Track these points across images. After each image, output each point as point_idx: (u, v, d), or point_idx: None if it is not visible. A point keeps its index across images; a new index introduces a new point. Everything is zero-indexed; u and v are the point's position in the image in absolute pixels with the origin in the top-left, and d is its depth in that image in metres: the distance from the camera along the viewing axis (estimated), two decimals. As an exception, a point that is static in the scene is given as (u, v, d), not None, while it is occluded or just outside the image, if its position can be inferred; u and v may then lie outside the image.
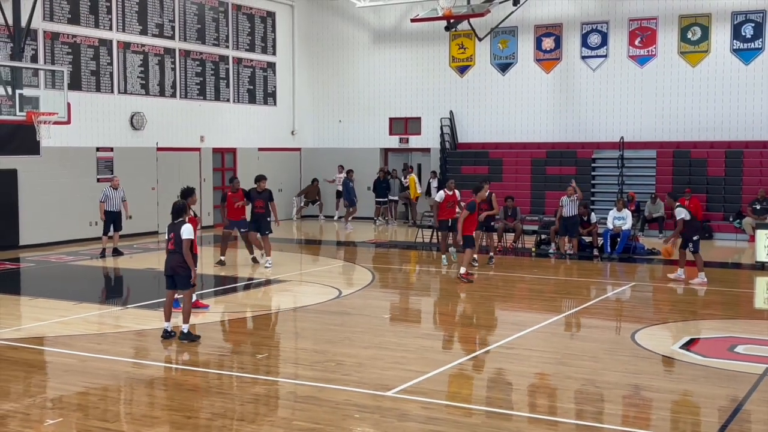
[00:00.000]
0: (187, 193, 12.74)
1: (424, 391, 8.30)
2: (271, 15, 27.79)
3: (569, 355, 10.01)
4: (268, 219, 17.25)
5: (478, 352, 10.15)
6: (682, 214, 15.38)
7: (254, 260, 17.34)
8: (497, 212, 16.87)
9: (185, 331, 10.54)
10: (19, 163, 19.87)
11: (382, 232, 25.00)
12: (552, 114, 25.88)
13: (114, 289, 15.89)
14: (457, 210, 16.60)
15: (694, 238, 15.39)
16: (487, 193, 16.29)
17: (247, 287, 15.34)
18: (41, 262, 18.06)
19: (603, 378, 8.89)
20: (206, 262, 16.81)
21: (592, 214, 19.49)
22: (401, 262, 19.49)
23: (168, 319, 10.68)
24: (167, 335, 10.58)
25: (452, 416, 7.59)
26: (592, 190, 24.57)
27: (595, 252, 18.93)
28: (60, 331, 11.41)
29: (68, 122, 18.51)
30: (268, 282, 15.52)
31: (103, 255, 18.46)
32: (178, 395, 8.44)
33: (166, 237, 10.65)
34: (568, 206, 18.65)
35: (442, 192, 17.85)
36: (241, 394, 8.36)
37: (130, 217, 19.48)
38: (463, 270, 15.10)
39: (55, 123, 18.06)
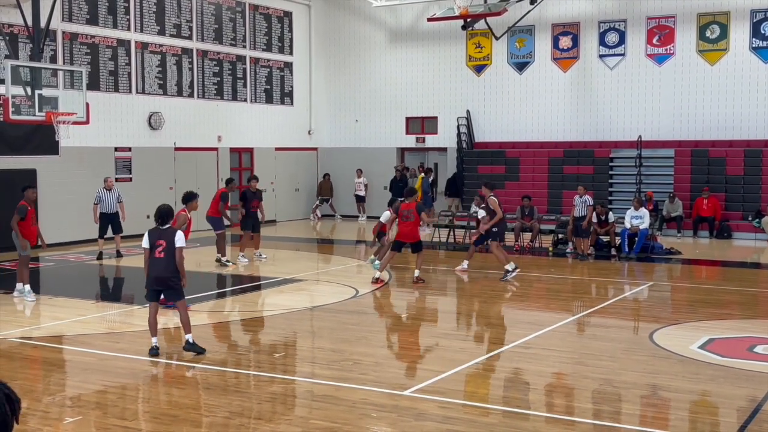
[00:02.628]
0: (189, 198, 12.78)
1: (441, 391, 8.29)
2: (288, 15, 27.84)
3: (587, 354, 9.97)
4: (258, 218, 17.89)
5: (495, 352, 10.14)
6: None
7: (219, 261, 17.09)
8: (500, 217, 15.42)
9: (191, 341, 9.85)
10: (38, 163, 20.02)
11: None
12: (569, 113, 25.79)
13: (132, 288, 15.94)
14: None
15: None
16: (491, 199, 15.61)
17: (264, 286, 15.38)
18: (60, 261, 18.19)
19: (621, 378, 8.85)
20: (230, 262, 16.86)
21: (610, 213, 19.41)
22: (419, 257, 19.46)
23: (155, 333, 9.88)
24: (155, 351, 9.74)
25: (469, 416, 7.59)
26: (610, 189, 24.48)
27: (613, 251, 18.86)
28: (79, 330, 11.49)
29: (87, 122, 18.60)
30: (284, 281, 15.56)
31: (100, 258, 18.17)
32: (196, 394, 8.48)
33: (148, 243, 9.70)
34: (579, 206, 18.63)
35: (387, 214, 17.99)
36: (259, 392, 8.39)
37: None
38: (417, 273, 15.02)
39: (74, 123, 18.15)
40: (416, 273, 14.91)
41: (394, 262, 15.83)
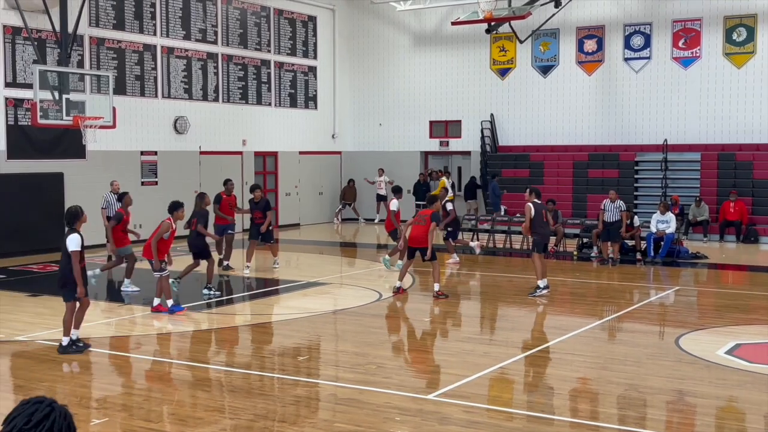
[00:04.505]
0: (174, 207, 12.90)
1: (465, 395, 8.28)
2: (313, 19, 27.94)
3: (612, 359, 9.91)
4: (270, 228, 17.01)
5: (519, 356, 10.11)
6: None
7: (221, 264, 16.93)
8: (526, 226, 14.54)
9: (64, 344, 9.92)
10: (65, 167, 20.23)
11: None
12: (594, 116, 25.67)
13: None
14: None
15: None
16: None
17: (287, 290, 15.42)
18: (87, 265, 18.29)
19: (646, 383, 8.79)
20: (258, 266, 16.93)
21: (635, 217, 19.28)
22: (441, 264, 19.44)
23: (67, 333, 10.00)
24: (68, 348, 9.92)
25: (493, 420, 7.57)
26: (635, 193, 24.34)
27: (638, 256, 18.72)
28: (105, 332, 11.58)
29: (113, 126, 18.79)
30: (308, 284, 15.60)
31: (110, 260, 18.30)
32: (221, 396, 8.53)
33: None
34: (611, 211, 18.42)
35: (396, 201, 18.10)
36: (283, 395, 8.42)
37: (140, 225, 19.46)
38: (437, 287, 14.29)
39: (101, 127, 18.34)
40: (436, 287, 14.15)
41: (415, 266, 15.79)
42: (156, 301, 12.74)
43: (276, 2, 26.37)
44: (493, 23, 23.88)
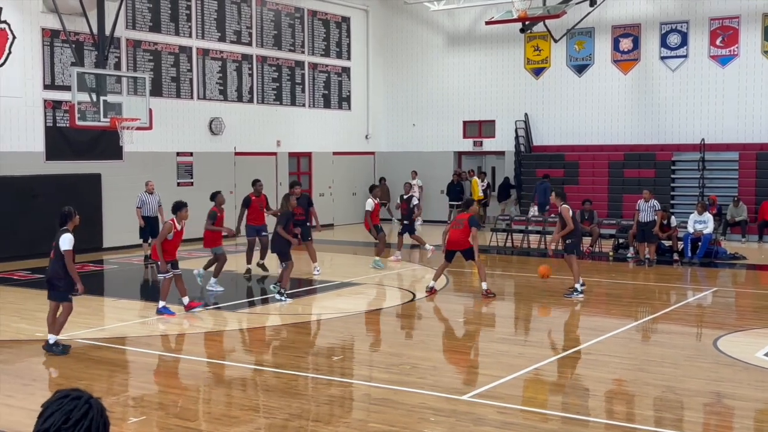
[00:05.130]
0: (178, 207, 12.93)
1: (500, 396, 8.24)
2: (346, 20, 28.01)
3: (648, 361, 9.81)
4: (308, 225, 16.98)
5: (554, 357, 10.04)
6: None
7: (249, 271, 16.73)
8: (570, 228, 14.13)
9: (51, 342, 10.01)
10: (102, 168, 20.47)
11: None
12: (630, 116, 25.43)
13: (192, 291, 16.17)
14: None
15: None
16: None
17: (322, 290, 15.47)
18: (124, 264, 18.56)
19: (683, 385, 8.69)
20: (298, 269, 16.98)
21: (672, 217, 19.07)
22: (472, 266, 19.37)
23: (50, 330, 10.09)
24: (50, 348, 10.01)
25: (528, 421, 7.53)
26: (672, 193, 24.08)
27: (675, 257, 18.52)
28: (141, 331, 11.71)
29: (150, 128, 18.98)
30: (342, 285, 15.63)
31: (147, 262, 18.25)
32: (256, 395, 8.58)
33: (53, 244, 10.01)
34: (645, 211, 18.24)
35: (371, 200, 18.04)
36: (317, 395, 8.45)
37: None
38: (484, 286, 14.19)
39: (138, 128, 18.54)
40: (484, 286, 14.07)
41: (453, 266, 15.74)
42: (185, 300, 12.78)
43: (310, 3, 26.47)
44: (527, 22, 23.77)
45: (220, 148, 23.59)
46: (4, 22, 18.50)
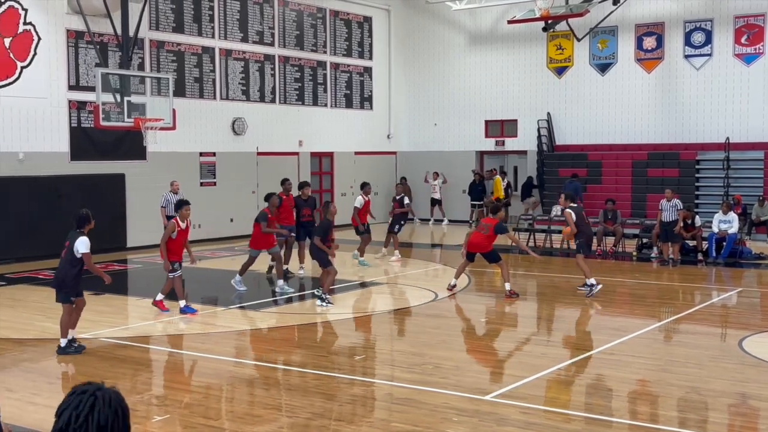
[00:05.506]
0: (179, 206, 12.93)
1: (523, 396, 8.22)
2: (368, 20, 28.03)
3: (672, 362, 9.75)
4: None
5: (577, 358, 9.99)
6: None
7: (279, 272, 16.22)
8: (574, 231, 14.29)
9: (63, 345, 10.07)
10: (126, 168, 20.62)
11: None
12: (654, 114, 25.26)
13: (216, 290, 16.27)
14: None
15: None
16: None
17: (344, 289, 15.49)
18: (147, 264, 18.67)
19: (708, 386, 8.63)
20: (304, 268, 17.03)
21: (697, 217, 18.92)
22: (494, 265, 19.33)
23: (65, 335, 10.13)
24: (62, 350, 10.10)
25: (551, 422, 7.50)
26: (696, 192, 23.88)
27: (700, 256, 18.37)
28: (165, 330, 11.78)
29: (173, 128, 19.09)
30: (364, 284, 15.65)
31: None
32: (279, 395, 8.61)
33: (64, 244, 10.07)
34: (668, 210, 18.13)
35: (360, 197, 18.24)
36: (340, 394, 8.46)
37: (198, 226, 19.65)
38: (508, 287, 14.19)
39: (161, 129, 18.65)
40: (507, 286, 14.09)
41: (472, 266, 15.72)
42: (160, 296, 12.80)
43: (332, 3, 26.52)
44: (549, 21, 23.67)
45: (243, 148, 23.68)
46: (30, 23, 18.68)
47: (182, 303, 12.60)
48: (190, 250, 13.08)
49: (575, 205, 14.65)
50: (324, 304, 13.10)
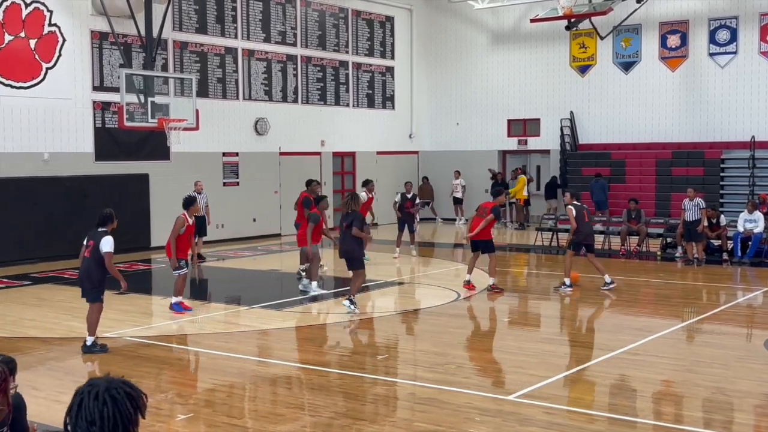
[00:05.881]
0: (189, 203, 12.95)
1: (546, 396, 8.18)
2: (390, 20, 28.03)
3: (697, 362, 9.67)
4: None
5: (601, 358, 9.93)
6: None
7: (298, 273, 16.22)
8: (574, 227, 14.43)
9: (89, 343, 10.14)
10: (150, 168, 20.75)
11: (500, 234, 24.80)
12: (678, 113, 25.07)
13: (239, 290, 16.35)
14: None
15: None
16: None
17: (365, 289, 15.48)
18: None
19: (734, 386, 8.55)
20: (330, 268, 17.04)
21: (722, 216, 18.75)
22: (519, 265, 19.29)
23: (93, 332, 10.22)
24: (88, 349, 10.17)
25: (575, 422, 7.46)
26: (721, 191, 23.66)
27: (725, 256, 18.20)
28: (189, 330, 11.85)
29: (197, 128, 19.18)
30: (386, 284, 15.65)
31: (193, 260, 18.54)
32: (301, 394, 8.63)
33: (85, 243, 10.13)
34: (690, 210, 18.01)
35: (363, 194, 18.15)
36: (362, 394, 8.46)
37: (222, 225, 19.73)
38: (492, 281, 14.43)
39: (185, 129, 18.75)
40: (491, 281, 14.28)
41: (497, 265, 15.67)
42: (175, 299, 12.82)
43: (354, 3, 26.55)
44: (572, 20, 23.55)
45: (266, 148, 23.76)
46: (54, 25, 18.85)
47: (174, 299, 12.67)
48: (193, 248, 13.16)
49: (578, 203, 14.83)
50: (353, 308, 12.40)
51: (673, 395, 8.56)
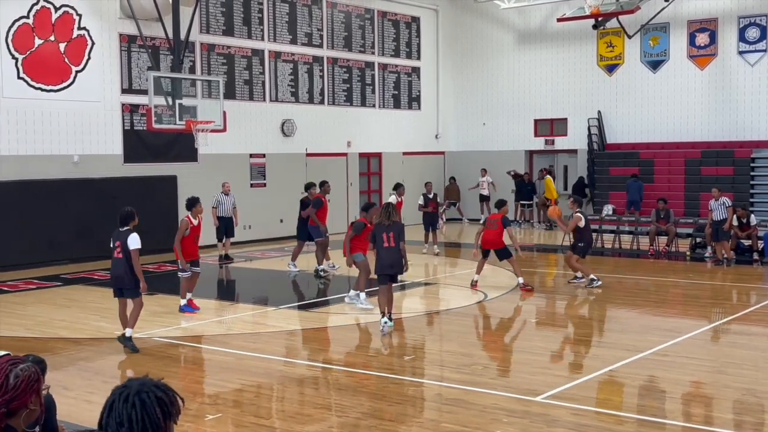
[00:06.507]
0: (192, 204, 13.04)
1: (574, 397, 8.14)
2: (416, 20, 28.01)
3: (728, 363, 9.57)
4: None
5: (629, 359, 9.85)
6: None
7: (317, 271, 16.54)
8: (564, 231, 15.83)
9: (128, 335, 10.35)
10: (178, 170, 20.90)
11: (527, 235, 24.70)
12: (707, 112, 24.83)
13: (266, 290, 16.43)
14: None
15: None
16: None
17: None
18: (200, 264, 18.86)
19: (764, 388, 8.45)
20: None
21: (752, 216, 18.54)
22: (547, 265, 19.20)
23: (125, 326, 10.46)
24: (127, 341, 10.38)
25: (603, 423, 7.42)
26: (752, 191, 23.39)
27: (755, 256, 18.00)
28: (217, 330, 11.92)
29: (224, 130, 19.28)
30: (413, 284, 15.64)
31: (222, 262, 18.77)
32: (329, 394, 8.65)
33: (112, 245, 10.39)
34: (717, 210, 17.85)
35: (394, 197, 18.38)
36: (389, 394, 8.47)
37: (249, 226, 19.81)
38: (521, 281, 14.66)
39: (212, 131, 18.85)
40: (520, 280, 14.58)
41: (524, 266, 15.63)
42: (183, 301, 12.99)
43: (380, 4, 26.56)
44: (600, 19, 23.42)
45: (292, 149, 23.84)
46: (84, 28, 19.05)
47: (182, 302, 12.93)
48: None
49: (582, 210, 15.70)
50: (386, 319, 11.46)
51: (703, 397, 8.49)
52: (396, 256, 11.37)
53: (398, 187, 19.22)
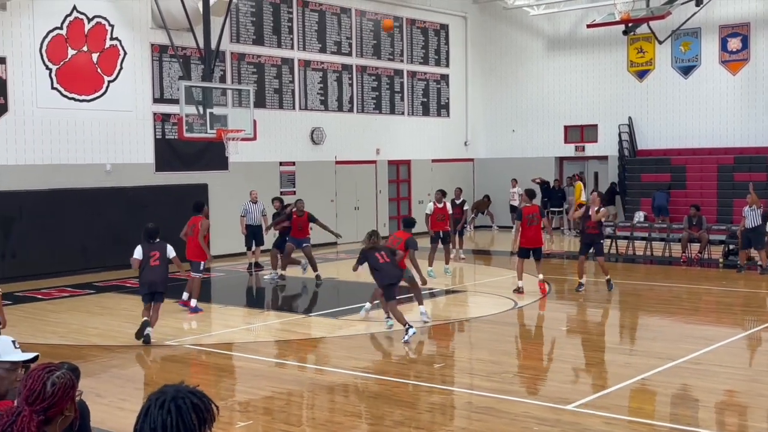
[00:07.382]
0: (200, 206, 14.36)
1: (606, 406, 8.08)
2: (445, 27, 28.02)
3: (762, 371, 9.46)
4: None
5: (662, 367, 9.75)
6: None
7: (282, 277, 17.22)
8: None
9: (152, 334, 11.16)
10: (209, 178, 21.06)
11: (558, 242, 24.57)
12: (740, 117, 24.56)
13: (296, 298, 16.48)
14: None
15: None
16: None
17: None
18: (230, 272, 19.02)
19: (801, 397, 8.33)
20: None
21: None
22: (576, 272, 19.06)
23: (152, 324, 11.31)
24: (147, 339, 11.14)
25: (635, 432, 7.35)
26: (786, 197, 23.06)
27: (790, 263, 17.74)
28: (248, 338, 11.98)
29: (254, 138, 19.40)
30: (442, 292, 15.61)
31: (250, 268, 18.98)
32: (359, 402, 8.66)
33: (141, 255, 11.28)
34: (751, 216, 17.59)
35: (431, 204, 18.28)
36: (419, 402, 8.46)
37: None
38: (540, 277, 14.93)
39: (242, 140, 18.97)
40: (540, 276, 14.84)
41: (555, 273, 15.56)
42: (185, 296, 13.76)
43: (408, 12, 26.61)
44: (630, 24, 23.27)
45: (322, 157, 23.93)
46: (116, 38, 19.28)
47: (194, 302, 13.58)
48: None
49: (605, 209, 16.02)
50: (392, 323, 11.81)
51: (737, 405, 8.38)
52: (395, 270, 11.88)
53: (441, 193, 18.94)
